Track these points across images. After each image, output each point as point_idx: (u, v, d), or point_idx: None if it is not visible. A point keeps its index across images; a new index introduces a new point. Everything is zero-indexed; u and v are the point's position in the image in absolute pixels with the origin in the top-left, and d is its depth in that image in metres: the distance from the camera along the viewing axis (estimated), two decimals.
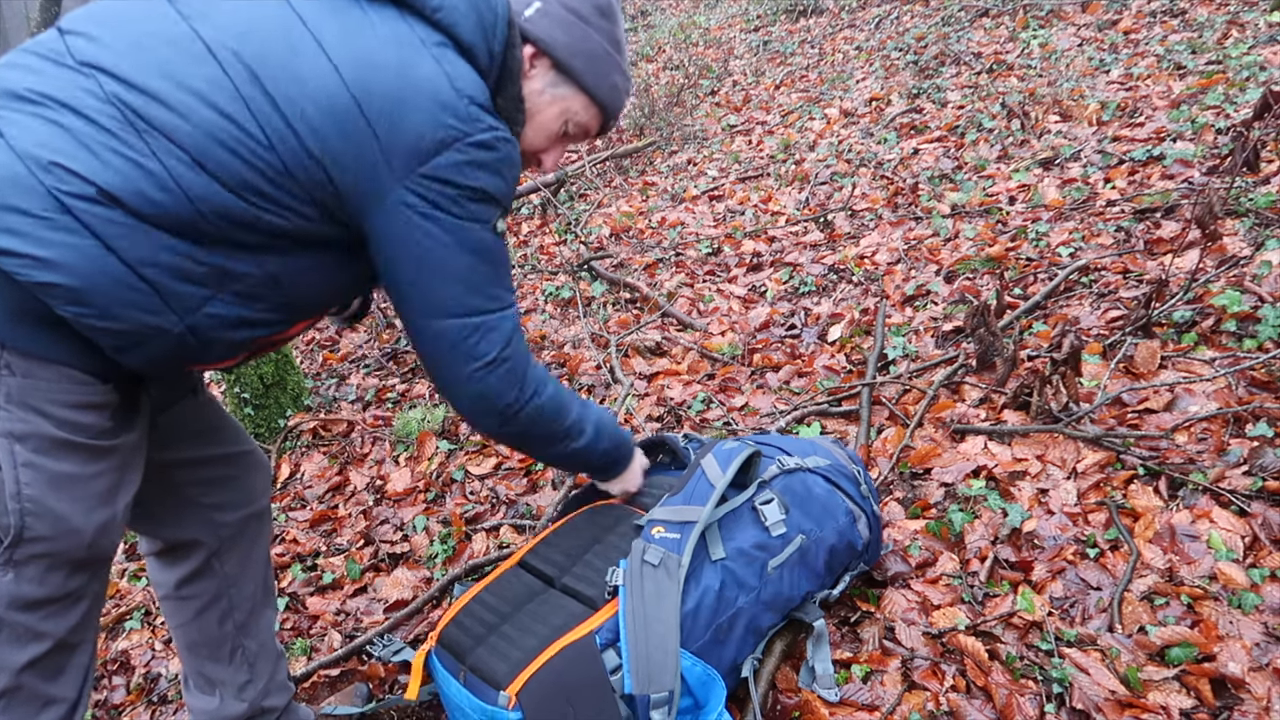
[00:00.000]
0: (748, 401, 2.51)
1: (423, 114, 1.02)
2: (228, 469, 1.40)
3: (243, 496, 1.43)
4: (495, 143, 1.08)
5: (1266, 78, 3.49)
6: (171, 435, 1.31)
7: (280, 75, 0.98)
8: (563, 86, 1.22)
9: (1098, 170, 3.26)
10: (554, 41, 1.18)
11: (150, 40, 0.98)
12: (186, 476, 1.35)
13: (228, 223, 1.00)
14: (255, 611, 1.50)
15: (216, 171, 0.97)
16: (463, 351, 1.16)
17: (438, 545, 2.22)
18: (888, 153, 4.11)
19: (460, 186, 1.06)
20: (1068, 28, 4.91)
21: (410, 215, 1.06)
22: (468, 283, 1.13)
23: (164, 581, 1.45)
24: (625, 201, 4.61)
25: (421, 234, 1.07)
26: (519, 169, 1.16)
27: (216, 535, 1.40)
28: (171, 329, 1.03)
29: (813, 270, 3.23)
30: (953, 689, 1.49)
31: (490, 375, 1.18)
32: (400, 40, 1.03)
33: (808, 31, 6.78)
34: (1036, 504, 1.84)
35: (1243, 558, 1.60)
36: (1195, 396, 1.99)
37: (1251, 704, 1.35)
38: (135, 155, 0.95)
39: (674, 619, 1.30)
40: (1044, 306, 2.55)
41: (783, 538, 1.47)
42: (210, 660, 1.48)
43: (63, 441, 1.03)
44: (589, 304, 3.45)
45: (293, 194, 1.02)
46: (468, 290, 1.13)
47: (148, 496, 1.27)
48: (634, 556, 1.37)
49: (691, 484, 1.47)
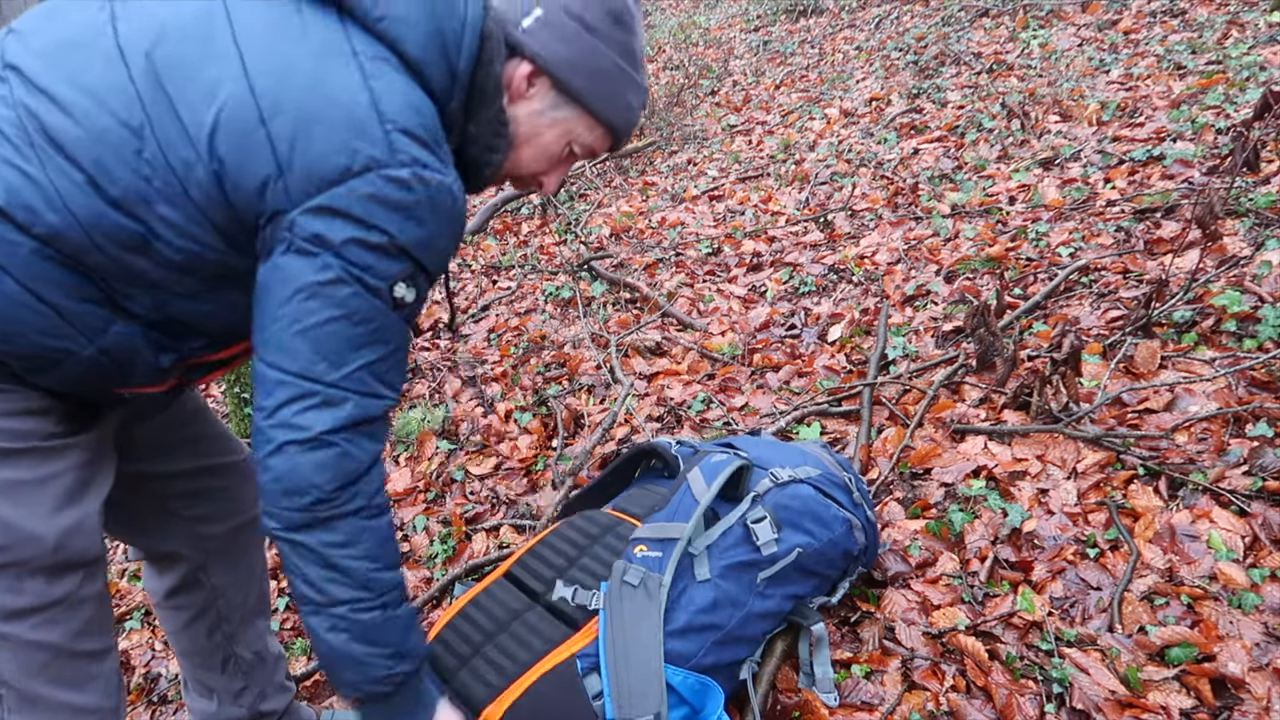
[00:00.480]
0: (748, 401, 2.51)
1: (331, 135, 0.87)
2: (213, 480, 1.35)
3: (230, 508, 1.38)
4: (413, 181, 0.90)
5: (1266, 78, 3.49)
6: (152, 447, 1.26)
7: (188, 81, 0.88)
8: (565, 108, 1.05)
9: (1098, 170, 3.26)
10: (553, 58, 1.01)
11: (70, 41, 0.90)
12: (168, 489, 1.30)
13: (119, 248, 0.91)
14: (247, 621, 1.47)
15: (108, 186, 0.88)
16: (281, 416, 0.93)
17: (438, 545, 2.22)
18: (888, 153, 4.11)
19: (358, 223, 0.89)
20: (1068, 28, 4.91)
21: (288, 244, 0.90)
22: (317, 345, 0.91)
23: (155, 589, 1.42)
24: (625, 201, 4.61)
25: (291, 269, 0.90)
26: (458, 222, 0.97)
27: (201, 548, 1.36)
28: (80, 351, 0.95)
29: (813, 270, 3.23)
30: (953, 689, 1.49)
31: (302, 455, 0.93)
32: (327, 50, 0.89)
33: (808, 31, 6.77)
34: (1036, 504, 1.84)
35: (1243, 558, 1.59)
36: (1195, 396, 1.99)
37: (1251, 704, 1.35)
38: (26, 166, 0.87)
39: (655, 641, 1.29)
40: (1044, 306, 2.55)
41: (774, 555, 1.45)
42: (203, 669, 1.47)
43: (4, 450, 0.97)
44: (589, 304, 3.46)
45: (189, 214, 0.91)
46: (314, 352, 0.92)
47: (128, 506, 1.23)
48: (614, 578, 1.36)
49: (676, 500, 1.46)
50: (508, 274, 3.99)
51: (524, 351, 3.16)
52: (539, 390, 2.84)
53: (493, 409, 2.82)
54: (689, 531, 1.39)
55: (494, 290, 3.83)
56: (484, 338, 3.39)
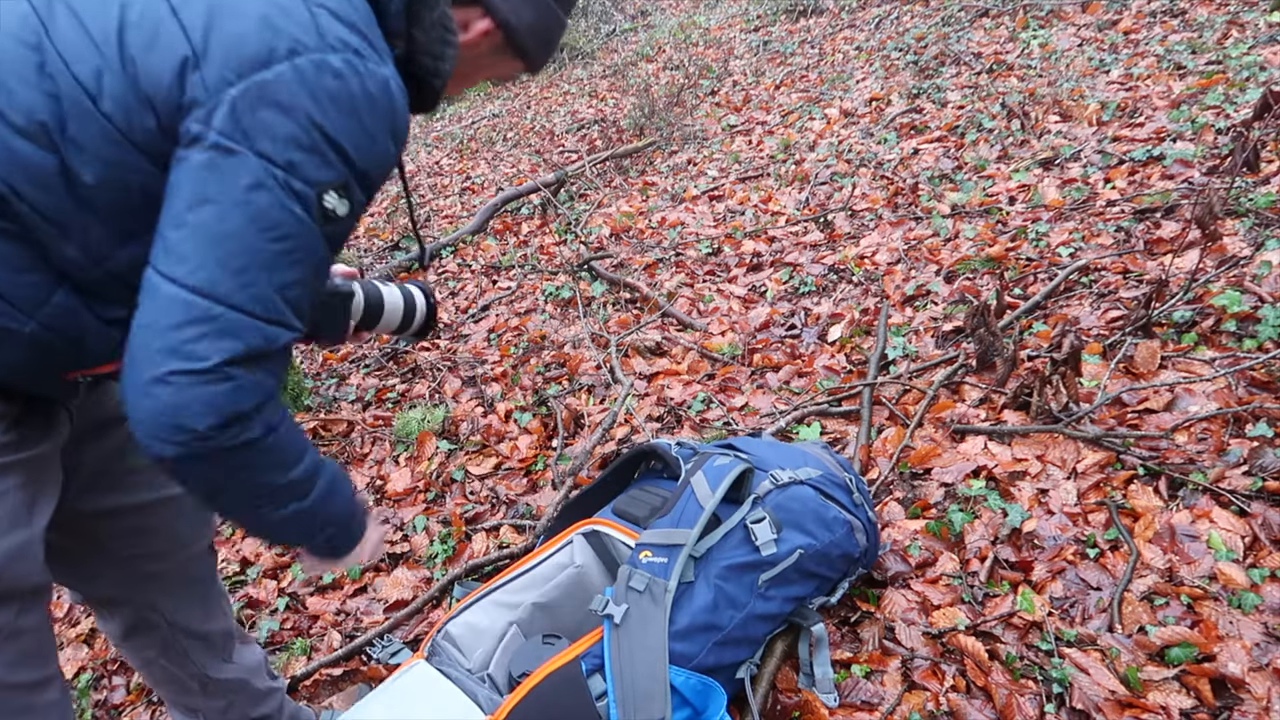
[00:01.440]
0: (748, 401, 2.51)
1: (250, 14, 0.79)
2: (154, 518, 1.23)
3: (171, 545, 1.27)
4: (345, 71, 0.80)
5: (1266, 78, 3.49)
6: (95, 479, 1.15)
7: None
8: (505, 57, 1.02)
9: (1098, 170, 3.26)
10: (519, 23, 0.97)
11: None
12: (106, 528, 1.19)
13: (37, 189, 0.82)
14: (216, 643, 1.38)
15: (10, 114, 0.80)
16: (171, 339, 0.80)
17: (438, 545, 2.22)
18: (888, 153, 4.11)
19: (284, 113, 0.78)
20: (1068, 28, 4.91)
21: (203, 139, 0.79)
22: (224, 260, 0.80)
23: (110, 632, 1.33)
24: (625, 201, 4.61)
25: (203, 168, 0.79)
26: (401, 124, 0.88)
27: (143, 588, 1.27)
28: (19, 328, 0.87)
29: (813, 270, 3.23)
30: (953, 689, 1.49)
31: (192, 389, 0.80)
32: None
33: (808, 31, 6.77)
34: (1036, 504, 1.84)
35: (1243, 558, 1.60)
36: (1195, 396, 1.99)
37: (1251, 704, 1.35)
38: None
39: (661, 644, 1.29)
40: (1044, 306, 2.55)
41: (774, 555, 1.45)
42: (183, 694, 1.40)
43: None
44: (589, 304, 3.46)
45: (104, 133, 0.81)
46: (220, 267, 0.80)
47: (64, 549, 1.13)
48: (620, 582, 1.36)
49: (680, 505, 1.46)
50: (508, 274, 3.99)
51: (524, 351, 3.16)
52: (539, 390, 2.85)
53: (493, 409, 2.82)
54: (694, 538, 1.39)
55: (494, 290, 3.84)
56: (484, 338, 3.39)
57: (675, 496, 1.48)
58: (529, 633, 1.49)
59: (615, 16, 9.62)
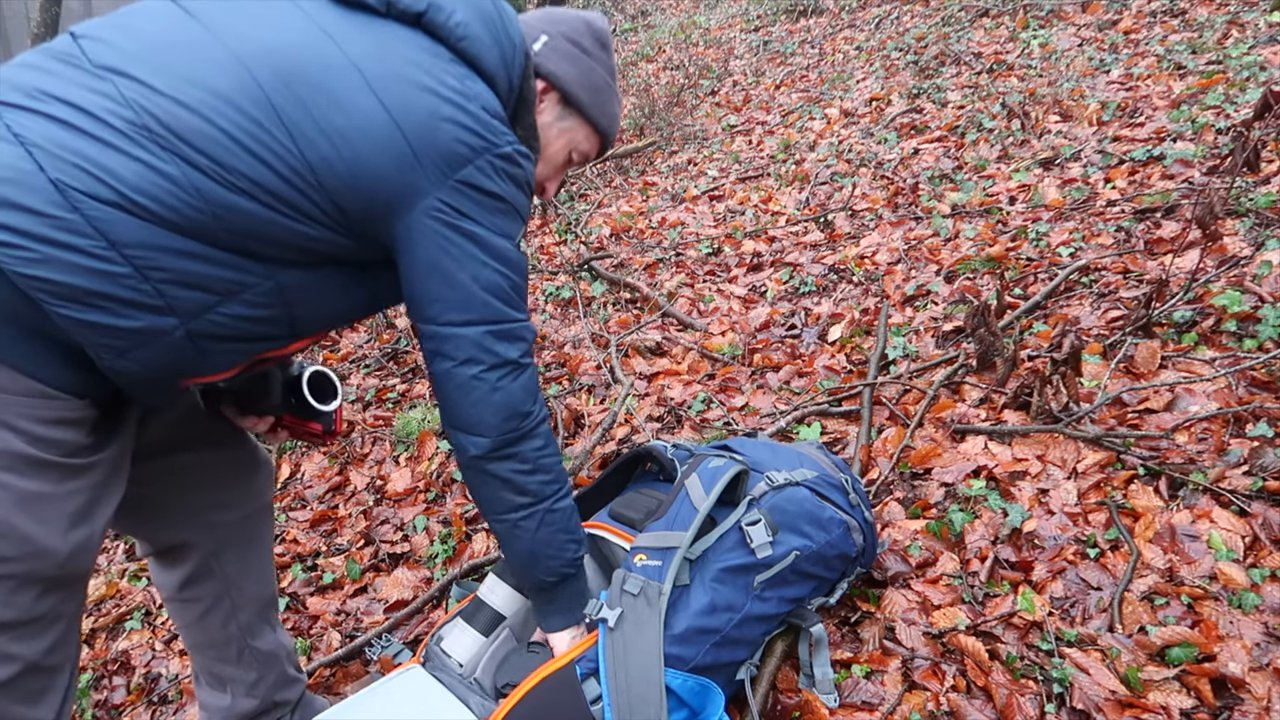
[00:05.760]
0: (748, 401, 2.51)
1: (455, 127, 1.04)
2: (224, 468, 1.38)
3: (240, 495, 1.41)
4: (517, 157, 1.11)
5: (1266, 78, 3.49)
6: (165, 439, 1.28)
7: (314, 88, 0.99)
8: (569, 119, 1.27)
9: (1098, 170, 3.26)
10: (563, 75, 1.23)
11: (170, 47, 0.98)
12: (180, 479, 1.33)
13: (243, 229, 1.00)
14: (260, 611, 1.49)
15: (236, 176, 0.97)
16: (488, 353, 1.13)
17: (438, 545, 2.22)
18: (888, 153, 4.11)
19: (488, 193, 1.08)
20: (1068, 28, 4.91)
21: (440, 221, 1.07)
22: (495, 290, 1.13)
23: (166, 584, 1.43)
24: (625, 201, 4.61)
25: (447, 242, 1.08)
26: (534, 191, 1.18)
27: (212, 536, 1.39)
28: (171, 332, 1.01)
29: (813, 270, 3.23)
30: (953, 689, 1.49)
31: (515, 380, 1.16)
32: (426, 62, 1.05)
33: (808, 31, 6.77)
34: (1037, 504, 1.84)
35: (1243, 558, 1.59)
36: (1195, 396, 1.99)
37: (1251, 704, 1.35)
38: (149, 158, 0.94)
39: (655, 648, 1.29)
40: (1044, 306, 2.55)
41: (769, 557, 1.44)
42: (218, 660, 1.48)
43: (34, 459, 0.99)
44: (589, 304, 3.46)
45: (316, 201, 1.01)
46: (493, 298, 1.13)
47: (141, 498, 1.24)
48: (614, 586, 1.36)
49: (674, 508, 1.45)
50: None
51: None
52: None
53: None
54: (688, 541, 1.39)
55: None
56: None
57: (670, 499, 1.47)
58: (521, 637, 1.49)
59: (615, 16, 9.63)
